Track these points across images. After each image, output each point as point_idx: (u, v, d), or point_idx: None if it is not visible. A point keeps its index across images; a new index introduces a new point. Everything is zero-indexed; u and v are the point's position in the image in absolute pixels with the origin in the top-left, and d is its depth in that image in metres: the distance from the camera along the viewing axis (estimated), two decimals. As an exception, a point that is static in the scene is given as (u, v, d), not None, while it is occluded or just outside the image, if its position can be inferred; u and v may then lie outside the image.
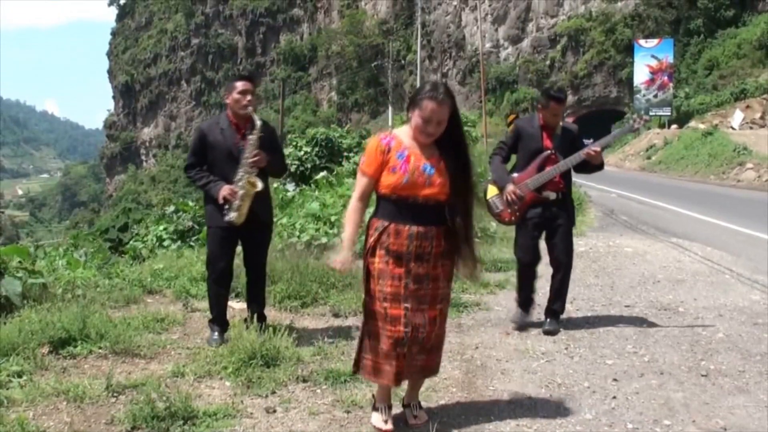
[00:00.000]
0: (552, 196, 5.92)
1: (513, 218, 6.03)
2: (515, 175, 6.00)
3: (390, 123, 53.79)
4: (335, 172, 15.95)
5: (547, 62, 58.83)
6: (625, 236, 11.78)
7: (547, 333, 5.87)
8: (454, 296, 6.87)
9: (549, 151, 5.89)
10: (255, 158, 5.31)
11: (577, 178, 7.25)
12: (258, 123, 5.35)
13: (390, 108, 64.63)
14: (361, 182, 3.79)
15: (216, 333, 5.45)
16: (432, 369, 3.93)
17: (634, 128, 6.32)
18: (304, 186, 15.40)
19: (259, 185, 5.26)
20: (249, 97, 5.38)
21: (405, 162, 3.64)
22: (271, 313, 6.15)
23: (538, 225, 5.99)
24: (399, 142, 3.71)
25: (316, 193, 12.94)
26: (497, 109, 56.75)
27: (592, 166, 5.90)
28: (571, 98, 55.08)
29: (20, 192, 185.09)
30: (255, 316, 5.43)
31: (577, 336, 5.82)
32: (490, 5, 62.55)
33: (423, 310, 3.69)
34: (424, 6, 68.52)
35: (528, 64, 59.23)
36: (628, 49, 49.50)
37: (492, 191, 6.11)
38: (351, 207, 3.85)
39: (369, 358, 3.80)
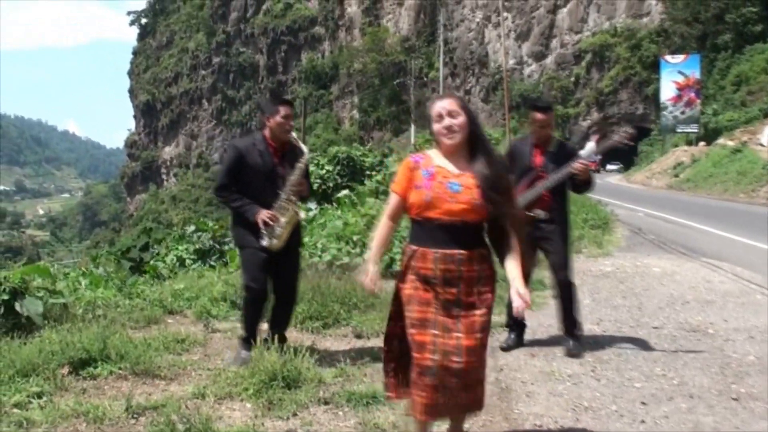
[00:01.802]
0: (541, 214, 5.87)
1: None
2: None
3: (412, 141, 53.80)
4: (357, 191, 15.97)
5: (572, 79, 58.80)
6: (652, 256, 11.69)
7: (570, 356, 5.82)
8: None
9: (538, 169, 5.86)
10: (300, 187, 5.37)
11: (603, 196, 7.22)
12: (306, 150, 5.40)
13: (412, 126, 64.68)
14: (391, 200, 3.76)
15: (246, 352, 5.39)
16: (476, 405, 3.64)
17: (621, 141, 6.00)
18: (325, 205, 15.42)
19: (302, 213, 5.30)
20: (291, 122, 5.45)
21: (430, 179, 3.55)
22: (292, 334, 6.15)
23: (529, 243, 5.93)
24: (429, 160, 3.65)
25: (338, 212, 12.96)
26: (521, 127, 56.64)
27: (580, 182, 5.83)
28: (596, 115, 55.03)
29: (41, 211, 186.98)
30: (276, 337, 5.42)
31: (604, 358, 5.77)
32: (513, 22, 62.67)
33: (458, 339, 3.47)
34: (447, 23, 68.72)
35: (552, 81, 59.23)
36: (654, 65, 49.35)
37: None
38: (380, 224, 3.80)
39: (410, 392, 3.59)
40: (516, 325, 6.15)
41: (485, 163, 3.55)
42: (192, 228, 11.97)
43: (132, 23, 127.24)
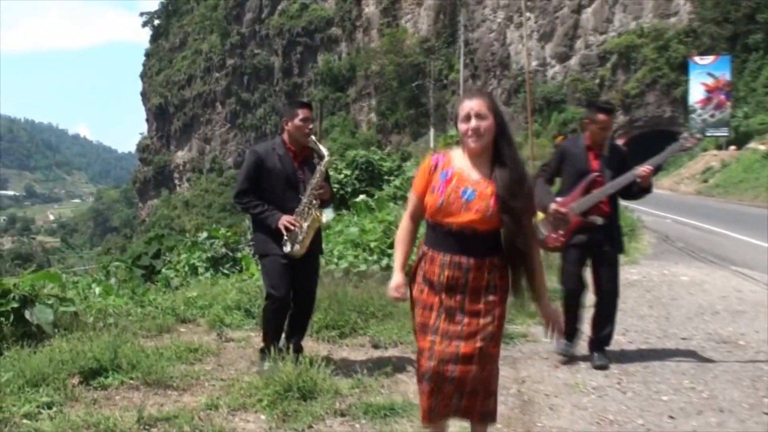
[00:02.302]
0: (598, 221, 5.85)
1: (557, 244, 5.98)
2: (559, 198, 5.96)
3: (431, 144, 53.81)
4: (376, 197, 15.95)
5: (597, 81, 58.49)
6: (680, 264, 11.63)
7: (597, 368, 5.80)
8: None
9: (595, 174, 5.84)
10: (321, 190, 5.38)
11: (628, 203, 7.19)
12: (326, 154, 5.41)
13: (431, 129, 64.64)
14: (411, 200, 3.76)
15: (268, 362, 5.39)
16: (480, 414, 3.60)
17: (685, 147, 6.03)
18: (343, 211, 15.40)
19: (324, 218, 5.30)
20: (311, 125, 5.46)
21: (445, 183, 3.54)
22: (308, 343, 6.16)
23: (582, 251, 5.93)
24: (448, 160, 3.62)
25: (355, 218, 12.95)
26: (544, 130, 56.43)
27: (639, 189, 5.82)
28: (622, 118, 54.72)
29: (51, 217, 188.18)
30: (292, 346, 5.42)
31: (631, 370, 5.75)
32: (536, 22, 62.52)
33: (457, 347, 3.48)
34: (467, 23, 68.67)
35: (576, 83, 58.95)
36: (683, 67, 49.04)
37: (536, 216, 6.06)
38: (401, 226, 3.80)
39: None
40: (573, 331, 6.12)
41: (508, 170, 3.50)
42: (204, 235, 12.01)
43: (145, 24, 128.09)
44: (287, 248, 5.31)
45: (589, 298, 6.14)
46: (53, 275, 7.19)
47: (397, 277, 3.72)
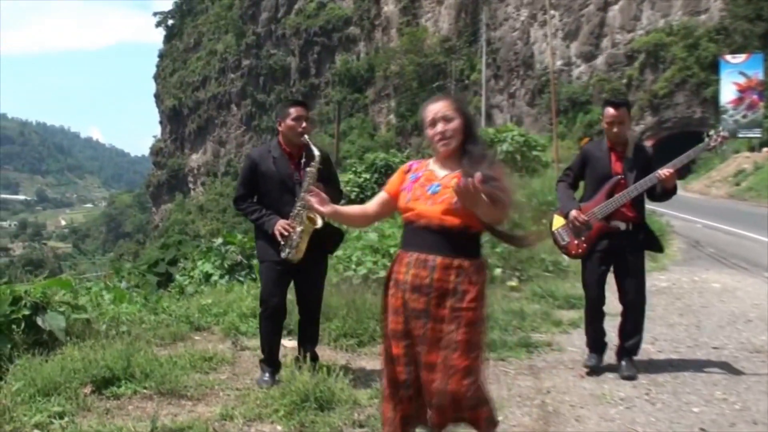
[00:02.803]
0: (621, 226, 5.82)
1: (580, 251, 5.95)
2: (582, 204, 5.94)
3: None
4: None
5: (624, 81, 58.22)
6: (711, 270, 11.55)
7: (624, 378, 5.77)
8: (522, 335, 6.85)
9: (618, 176, 5.81)
10: (313, 193, 5.33)
11: (658, 206, 7.16)
12: (317, 154, 5.35)
13: (453, 131, 64.51)
14: (377, 195, 3.91)
15: (267, 374, 5.48)
16: (443, 425, 3.52)
17: (710, 146, 5.95)
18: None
19: (319, 222, 5.28)
20: (304, 124, 5.43)
21: (414, 182, 3.64)
22: (325, 352, 6.17)
23: (605, 258, 5.89)
24: (422, 165, 3.75)
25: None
26: (569, 132, 56.22)
27: (663, 191, 5.76)
28: (650, 119, 54.50)
29: (63, 222, 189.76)
30: (308, 355, 5.44)
31: (660, 380, 5.71)
32: (560, 20, 62.36)
33: (418, 352, 3.48)
34: (490, 22, 68.62)
35: (602, 83, 58.69)
36: (713, 66, 48.72)
37: (558, 222, 6.04)
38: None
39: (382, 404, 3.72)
40: (598, 344, 6.10)
41: (474, 159, 3.53)
42: (219, 241, 12.04)
43: (158, 24, 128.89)
44: (284, 253, 5.32)
45: (616, 306, 6.11)
46: (65, 282, 7.24)
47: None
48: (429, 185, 3.56)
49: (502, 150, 21.75)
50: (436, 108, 3.60)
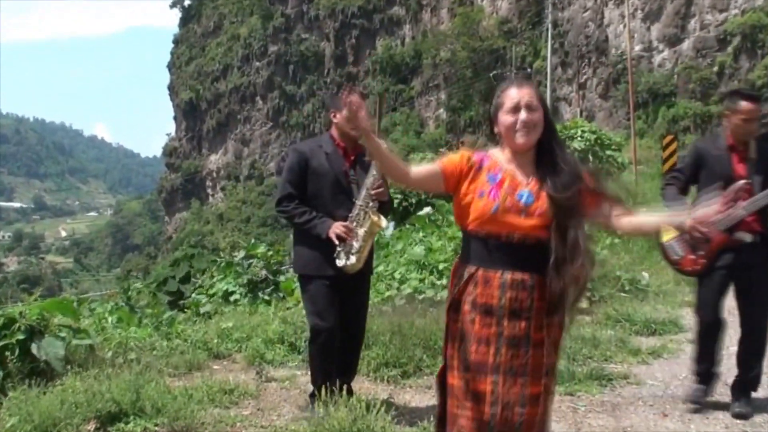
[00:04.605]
0: (747, 238, 5.67)
1: (697, 267, 5.84)
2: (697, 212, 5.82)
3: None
4: (443, 209, 15.91)
5: (715, 68, 57.53)
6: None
7: (736, 416, 5.68)
8: (594, 366, 6.79)
9: (743, 181, 5.65)
10: (379, 189, 5.29)
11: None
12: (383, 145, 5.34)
13: (513, 127, 64.29)
14: (427, 166, 3.75)
15: (321, 408, 5.34)
16: None
17: None
18: (404, 226, 15.34)
19: (383, 222, 5.25)
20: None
21: (497, 186, 3.53)
22: (364, 384, 6.17)
23: (727, 275, 5.77)
24: (494, 162, 3.63)
25: (420, 234, 12.92)
26: (650, 129, 55.70)
27: None
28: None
29: (63, 233, 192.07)
30: (344, 388, 5.37)
31: (757, 420, 5.62)
32: (640, -2, 61.93)
33: (521, 384, 3.44)
34: (556, 1, 68.36)
35: (689, 72, 58.06)
36: (821, 50, 48.16)
37: (669, 233, 5.93)
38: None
39: None
40: (706, 375, 6.03)
41: (565, 174, 3.51)
42: (242, 254, 12.10)
43: (173, 5, 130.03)
44: (341, 261, 5.24)
45: (733, 333, 6.01)
46: (65, 304, 7.25)
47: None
48: (518, 192, 3.50)
49: (571, 148, 21.58)
50: (523, 92, 3.54)
